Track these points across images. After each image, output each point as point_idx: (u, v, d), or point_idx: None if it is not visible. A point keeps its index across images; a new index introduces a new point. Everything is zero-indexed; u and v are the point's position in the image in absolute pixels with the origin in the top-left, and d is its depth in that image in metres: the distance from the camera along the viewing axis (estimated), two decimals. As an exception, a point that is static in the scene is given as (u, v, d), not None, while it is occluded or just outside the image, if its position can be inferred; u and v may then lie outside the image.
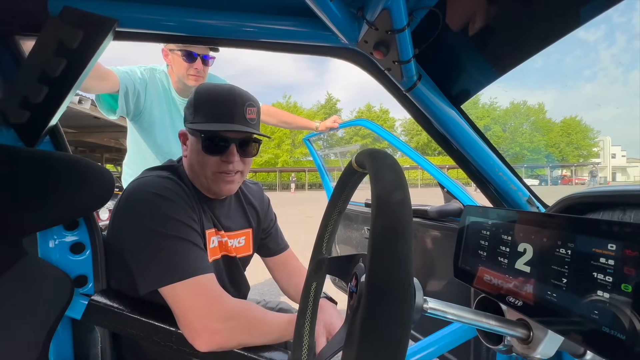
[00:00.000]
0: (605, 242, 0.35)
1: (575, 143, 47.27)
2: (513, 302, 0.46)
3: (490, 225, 0.54)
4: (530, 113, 49.21)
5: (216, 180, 0.77)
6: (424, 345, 0.82)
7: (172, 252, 0.66)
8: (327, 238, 0.51)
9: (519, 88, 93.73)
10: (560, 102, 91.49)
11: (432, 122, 0.80)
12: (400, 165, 0.32)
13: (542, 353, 0.43)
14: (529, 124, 48.71)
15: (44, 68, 0.57)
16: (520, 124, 49.09)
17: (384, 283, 0.23)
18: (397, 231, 0.26)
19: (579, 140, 47.40)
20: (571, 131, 47.64)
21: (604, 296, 0.34)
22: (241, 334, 0.66)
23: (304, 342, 0.49)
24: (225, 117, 0.73)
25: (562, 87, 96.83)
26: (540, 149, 47.06)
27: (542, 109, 49.23)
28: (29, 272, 0.64)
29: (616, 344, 0.32)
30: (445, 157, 1.37)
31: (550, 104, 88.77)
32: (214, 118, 0.73)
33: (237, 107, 0.74)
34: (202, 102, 0.74)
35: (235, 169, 0.78)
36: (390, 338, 0.22)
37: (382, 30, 0.57)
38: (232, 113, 0.73)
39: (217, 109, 0.73)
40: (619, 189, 0.55)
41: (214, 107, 0.74)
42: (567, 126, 48.09)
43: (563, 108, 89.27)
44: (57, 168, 0.62)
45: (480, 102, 49.49)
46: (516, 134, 47.85)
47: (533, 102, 64.66)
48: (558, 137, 47.34)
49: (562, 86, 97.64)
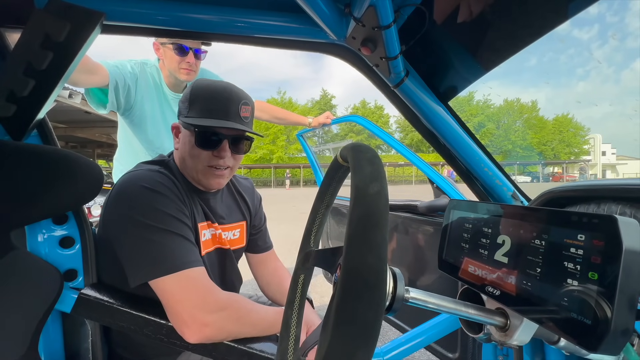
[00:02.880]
0: (575, 232, 0.37)
1: (567, 141, 47.94)
2: (492, 291, 0.48)
3: (473, 218, 0.55)
4: (524, 111, 49.73)
5: (206, 173, 0.79)
6: (411, 336, 0.84)
7: (162, 246, 0.66)
8: (314, 231, 0.52)
9: (513, 85, 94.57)
10: (553, 99, 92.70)
11: (420, 118, 0.81)
12: (380, 159, 0.33)
13: (518, 340, 0.45)
14: (522, 121, 49.25)
15: (30, 61, 0.56)
16: (513, 121, 49.59)
17: (358, 269, 0.25)
18: (373, 221, 0.27)
19: (571, 138, 48.09)
20: (563, 129, 48.29)
21: (573, 284, 0.36)
22: (231, 326, 0.67)
23: (291, 332, 0.50)
24: (219, 113, 0.75)
25: (555, 86, 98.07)
26: (532, 147, 47.66)
27: (535, 107, 49.79)
28: (17, 266, 0.64)
29: (583, 328, 0.34)
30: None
31: (543, 102, 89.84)
32: (209, 113, 0.74)
33: (233, 104, 0.75)
34: (198, 97, 0.75)
35: (226, 165, 0.80)
36: (363, 321, 0.23)
37: (369, 26, 0.57)
38: (227, 110, 0.75)
39: (213, 105, 0.75)
40: (595, 183, 0.57)
41: (210, 103, 0.75)
42: (559, 124, 48.72)
43: (556, 106, 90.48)
44: (45, 162, 0.62)
45: (474, 100, 49.86)
46: (509, 131, 48.34)
47: (526, 100, 65.46)
48: (550, 135, 47.94)
49: (555, 84, 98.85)
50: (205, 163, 0.78)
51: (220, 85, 0.76)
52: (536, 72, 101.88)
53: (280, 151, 38.61)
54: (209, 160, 0.77)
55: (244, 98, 0.78)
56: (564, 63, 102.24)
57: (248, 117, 0.79)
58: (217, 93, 0.75)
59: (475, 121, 46.14)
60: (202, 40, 1.02)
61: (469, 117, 46.39)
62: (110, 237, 0.71)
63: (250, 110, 0.80)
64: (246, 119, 0.78)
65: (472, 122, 45.53)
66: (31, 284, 0.65)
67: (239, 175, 1.03)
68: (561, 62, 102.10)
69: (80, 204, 0.73)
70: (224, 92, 0.76)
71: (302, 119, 1.77)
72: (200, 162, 0.77)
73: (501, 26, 0.62)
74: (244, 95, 0.79)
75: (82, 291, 0.72)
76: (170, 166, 0.81)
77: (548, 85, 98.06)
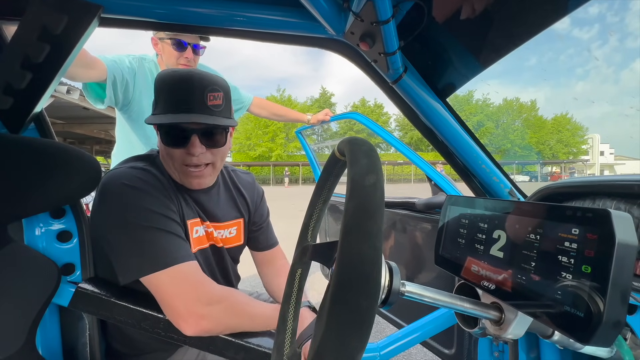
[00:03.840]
0: (570, 227, 0.37)
1: (565, 140, 48.07)
2: (487, 286, 0.48)
3: (469, 214, 0.56)
4: (523, 110, 49.79)
5: (184, 173, 0.75)
6: (407, 331, 0.85)
7: (151, 244, 0.65)
8: (312, 226, 0.52)
9: (512, 85, 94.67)
10: (552, 99, 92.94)
11: (418, 114, 0.81)
12: (376, 152, 0.33)
13: (512, 333, 0.46)
14: (521, 120, 49.34)
15: (27, 54, 0.56)
16: (512, 120, 49.66)
17: (353, 258, 0.25)
18: (368, 212, 0.27)
19: (569, 138, 48.21)
20: (562, 128, 48.40)
21: (567, 278, 0.37)
22: (228, 318, 0.67)
23: (287, 326, 0.51)
24: (182, 105, 0.68)
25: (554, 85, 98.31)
26: (531, 146, 47.77)
27: (534, 106, 49.85)
28: (14, 259, 0.64)
29: (576, 321, 0.35)
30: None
31: (542, 102, 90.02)
32: (172, 108, 0.69)
33: (196, 93, 0.68)
34: (162, 90, 0.70)
35: (202, 162, 0.74)
36: (357, 309, 0.24)
37: (368, 21, 0.57)
38: (190, 100, 0.68)
39: (174, 97, 0.69)
40: (591, 179, 0.57)
41: (171, 95, 0.69)
42: (558, 124, 48.82)
43: (555, 105, 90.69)
44: (42, 155, 0.62)
45: (473, 99, 49.87)
46: (508, 130, 48.42)
47: (525, 99, 65.53)
48: (549, 135, 48.06)
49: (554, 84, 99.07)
50: (180, 162, 0.73)
51: (182, 74, 0.69)
52: (535, 72, 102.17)
53: (279, 149, 38.55)
54: (182, 158, 0.72)
55: (210, 84, 0.70)
56: (563, 62, 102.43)
57: (220, 105, 0.71)
58: (178, 83, 0.68)
59: (474, 120, 46.18)
60: (201, 34, 1.01)
61: (468, 116, 46.41)
62: (99, 237, 0.71)
63: (222, 96, 0.72)
64: (217, 107, 0.70)
65: (472, 121, 45.56)
66: (29, 277, 0.65)
67: (240, 170, 1.00)
68: (560, 61, 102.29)
69: (78, 197, 0.73)
70: (185, 80, 0.68)
71: (301, 116, 1.77)
72: (175, 161, 0.73)
73: (499, 22, 0.63)
74: (212, 80, 0.71)
75: (80, 285, 0.72)
76: (157, 163, 0.78)
77: (547, 84, 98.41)
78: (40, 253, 0.70)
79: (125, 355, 0.81)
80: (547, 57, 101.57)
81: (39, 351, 0.70)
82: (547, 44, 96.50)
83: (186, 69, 0.72)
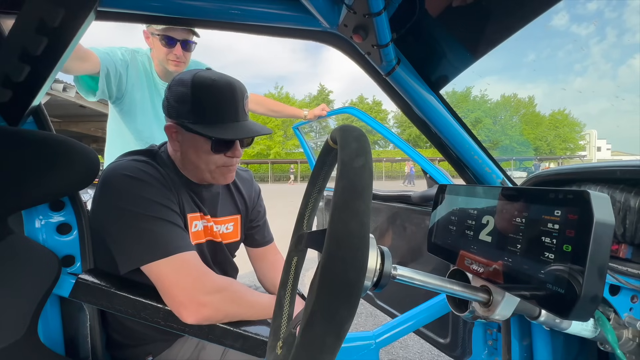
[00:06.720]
0: (552, 209, 0.39)
1: (563, 136, 48.25)
2: (476, 269, 0.50)
3: (460, 201, 0.57)
4: (521, 106, 49.87)
5: (221, 173, 0.79)
6: (402, 320, 0.87)
7: (152, 233, 0.67)
8: (307, 215, 0.53)
9: (511, 81, 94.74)
10: (550, 95, 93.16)
11: (411, 106, 0.82)
12: (366, 137, 0.35)
13: (500, 314, 0.47)
14: (519, 117, 49.42)
15: (25, 47, 0.57)
16: (510, 117, 49.75)
17: (341, 233, 0.26)
18: (357, 191, 0.28)
19: (566, 134, 48.39)
20: (559, 124, 48.55)
21: (550, 257, 0.38)
22: (228, 307, 0.69)
23: (284, 311, 0.52)
24: (230, 115, 0.73)
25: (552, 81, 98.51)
26: (529, 142, 47.91)
27: (532, 102, 49.94)
28: (14, 250, 0.65)
29: (557, 298, 0.36)
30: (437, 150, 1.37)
31: (540, 97, 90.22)
32: (220, 119, 0.72)
33: (239, 103, 0.73)
34: (201, 100, 0.71)
35: (238, 160, 0.81)
36: (346, 280, 0.25)
37: (360, 13, 0.58)
38: (236, 111, 0.73)
39: (221, 109, 0.72)
40: (578, 167, 0.59)
41: (217, 108, 0.72)
42: (555, 119, 48.97)
43: (553, 101, 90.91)
44: (40, 147, 0.63)
45: (471, 95, 49.88)
46: (506, 126, 48.52)
47: (523, 95, 65.60)
48: (546, 131, 48.20)
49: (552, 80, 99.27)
50: (219, 164, 0.77)
51: (223, 85, 0.72)
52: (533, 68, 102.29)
53: (277, 147, 38.49)
54: (222, 161, 0.77)
55: (244, 91, 0.76)
56: (560, 59, 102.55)
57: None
58: (222, 94, 0.72)
59: (472, 116, 46.24)
60: (195, 27, 1.01)
61: (466, 112, 46.45)
62: (100, 227, 0.72)
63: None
64: (247, 112, 0.77)
65: (470, 118, 45.60)
66: (29, 268, 0.66)
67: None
68: (558, 57, 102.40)
69: (77, 189, 0.74)
70: (229, 91, 0.72)
71: (297, 112, 1.78)
72: (212, 164, 0.77)
73: (490, 13, 0.64)
74: (242, 86, 0.76)
75: (80, 276, 0.73)
76: (159, 157, 0.80)
77: (545, 80, 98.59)
78: (40, 244, 0.71)
79: (125, 346, 0.82)
80: (545, 53, 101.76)
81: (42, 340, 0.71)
82: (544, 40, 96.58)
83: (223, 80, 0.73)
